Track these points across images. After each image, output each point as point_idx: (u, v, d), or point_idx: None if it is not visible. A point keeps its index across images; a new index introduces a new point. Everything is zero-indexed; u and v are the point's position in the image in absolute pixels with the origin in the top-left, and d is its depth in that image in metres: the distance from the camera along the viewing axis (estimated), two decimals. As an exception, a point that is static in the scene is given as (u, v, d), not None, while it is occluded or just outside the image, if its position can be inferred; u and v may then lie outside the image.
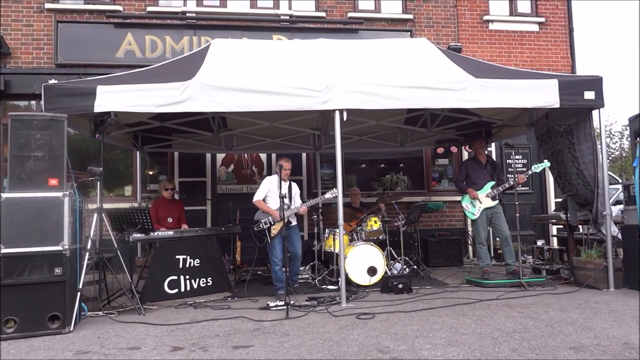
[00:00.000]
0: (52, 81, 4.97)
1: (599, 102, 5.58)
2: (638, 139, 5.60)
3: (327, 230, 6.84)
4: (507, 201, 7.41)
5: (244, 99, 5.08)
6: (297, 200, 5.94)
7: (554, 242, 8.87)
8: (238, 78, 5.27)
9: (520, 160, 9.63)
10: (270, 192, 5.78)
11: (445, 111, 6.81)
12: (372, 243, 6.34)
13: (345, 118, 5.17)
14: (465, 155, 8.98)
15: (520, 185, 6.41)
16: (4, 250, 4.07)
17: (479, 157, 6.55)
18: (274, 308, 4.89)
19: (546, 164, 6.19)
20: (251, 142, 8.12)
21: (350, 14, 9.26)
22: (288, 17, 9.11)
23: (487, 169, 6.47)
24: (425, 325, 4.07)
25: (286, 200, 5.55)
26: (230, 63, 5.71)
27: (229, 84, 5.12)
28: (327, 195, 5.77)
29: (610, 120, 22.64)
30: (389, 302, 5.07)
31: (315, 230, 7.02)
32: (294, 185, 6.02)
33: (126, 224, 5.65)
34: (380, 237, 6.84)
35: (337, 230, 5.25)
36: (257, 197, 5.81)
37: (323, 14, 9.22)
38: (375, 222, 6.85)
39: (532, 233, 9.29)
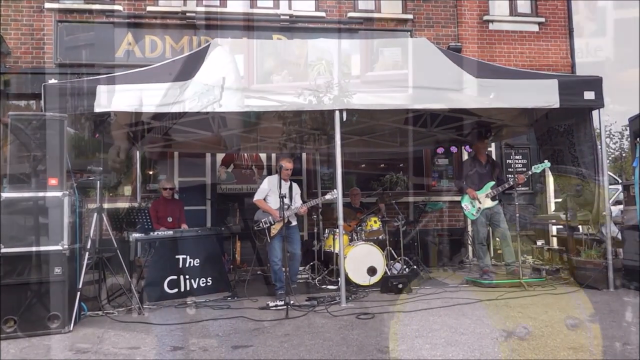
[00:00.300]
0: (52, 81, 4.96)
1: (598, 103, 5.59)
2: (638, 139, 5.60)
3: (326, 230, 6.85)
4: (507, 201, 7.40)
5: (244, 99, 5.09)
6: (297, 201, 5.93)
7: (554, 242, 8.86)
8: (238, 78, 5.27)
9: (520, 161, 9.61)
10: (270, 191, 5.78)
11: (445, 111, 6.79)
12: (371, 243, 6.34)
13: (345, 118, 5.17)
14: (465, 155, 8.97)
15: (520, 186, 6.40)
16: (3, 250, 4.06)
17: (479, 157, 6.56)
18: (274, 308, 4.89)
19: (546, 164, 6.19)
20: (251, 142, 8.12)
21: (350, 14, 9.25)
22: (288, 17, 9.09)
23: (487, 169, 6.47)
24: (425, 325, 4.07)
25: (286, 200, 5.54)
26: (230, 63, 5.71)
27: (229, 84, 5.12)
28: (328, 197, 5.76)
29: (610, 121, 22.62)
30: (389, 302, 5.07)
31: (315, 230, 7.02)
32: (295, 186, 6.01)
33: (126, 223, 5.66)
34: (380, 237, 6.84)
35: (337, 230, 5.25)
36: (258, 197, 5.82)
37: (323, 14, 9.21)
38: (375, 222, 6.85)
39: (532, 233, 9.28)
